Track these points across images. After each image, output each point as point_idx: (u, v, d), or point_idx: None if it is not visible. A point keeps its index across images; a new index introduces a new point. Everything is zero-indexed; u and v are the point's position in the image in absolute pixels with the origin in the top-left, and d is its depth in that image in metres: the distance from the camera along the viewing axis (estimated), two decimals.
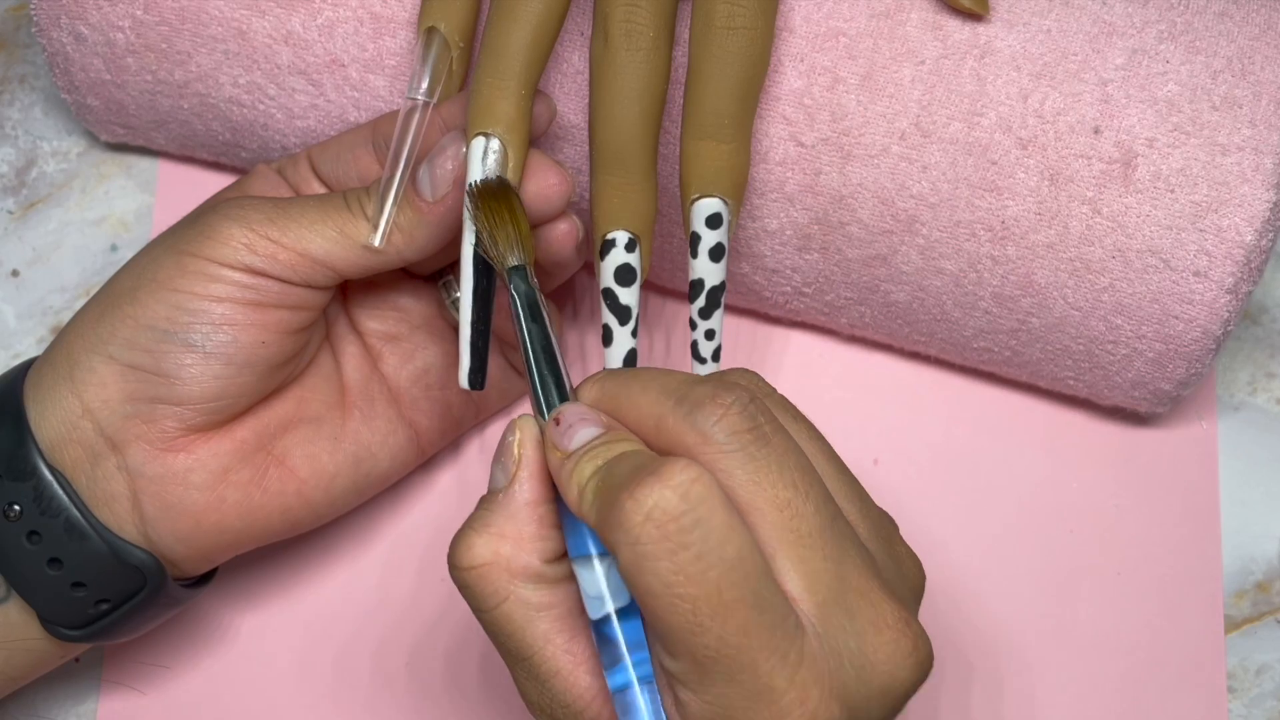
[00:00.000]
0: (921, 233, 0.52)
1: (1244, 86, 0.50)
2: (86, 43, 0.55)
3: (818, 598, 0.39)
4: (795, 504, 0.40)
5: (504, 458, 0.43)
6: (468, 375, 0.48)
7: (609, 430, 0.42)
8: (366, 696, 0.55)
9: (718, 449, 0.40)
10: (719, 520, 0.38)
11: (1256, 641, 0.56)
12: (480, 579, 0.42)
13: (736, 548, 0.38)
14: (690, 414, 0.40)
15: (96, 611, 0.48)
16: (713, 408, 0.40)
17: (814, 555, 0.39)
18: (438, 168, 0.47)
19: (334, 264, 0.48)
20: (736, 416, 0.40)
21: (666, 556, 0.38)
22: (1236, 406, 0.59)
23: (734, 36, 0.48)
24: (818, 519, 0.40)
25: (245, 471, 0.49)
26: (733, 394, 0.40)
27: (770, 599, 0.38)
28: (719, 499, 0.39)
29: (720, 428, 0.40)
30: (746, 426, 0.40)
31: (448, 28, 0.49)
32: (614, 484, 0.39)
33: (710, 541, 0.38)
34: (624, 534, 0.38)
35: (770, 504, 0.39)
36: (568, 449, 0.42)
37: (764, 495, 0.39)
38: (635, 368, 0.44)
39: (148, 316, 0.47)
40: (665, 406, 0.41)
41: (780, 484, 0.40)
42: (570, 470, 0.41)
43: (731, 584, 0.38)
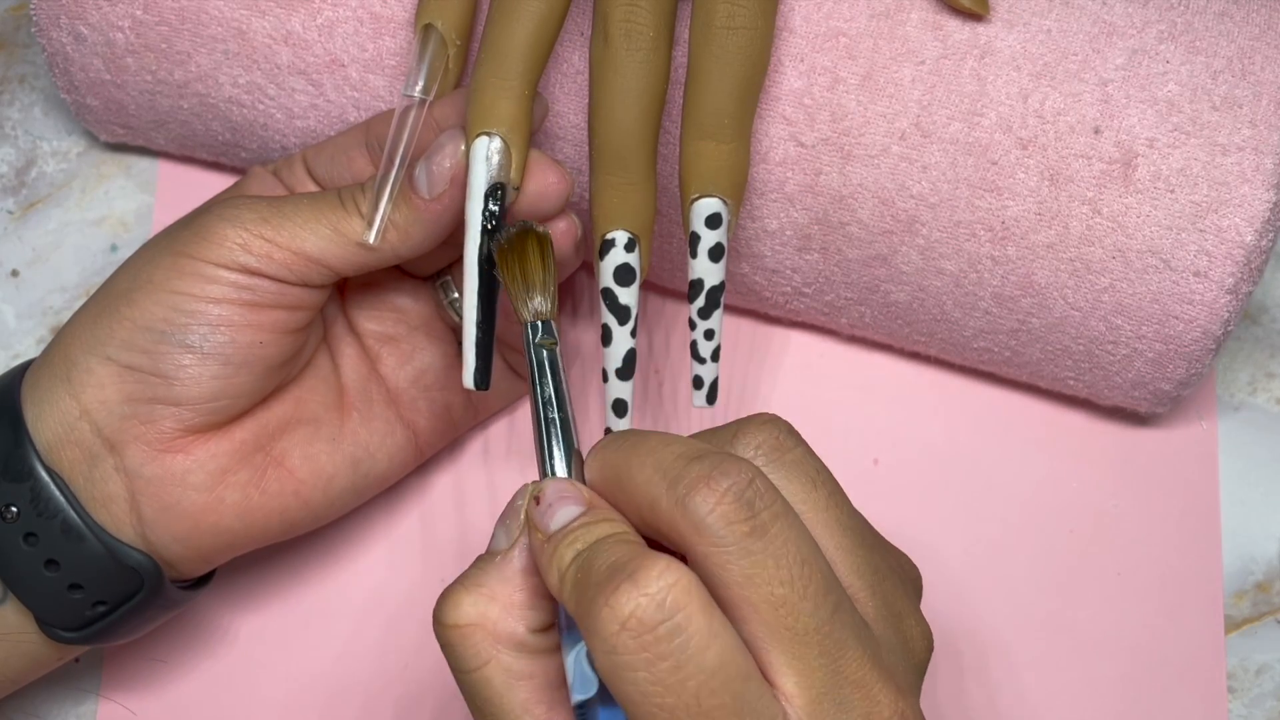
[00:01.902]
0: (921, 233, 0.52)
1: (1244, 86, 0.50)
2: (86, 43, 0.55)
3: (810, 694, 0.38)
4: (791, 601, 0.38)
5: (509, 520, 0.43)
6: (473, 375, 0.48)
7: (590, 510, 0.41)
8: (366, 698, 0.55)
9: (711, 541, 0.38)
10: (698, 627, 0.37)
11: (1256, 641, 0.56)
12: (463, 639, 0.41)
13: (717, 654, 0.37)
14: (683, 500, 0.38)
15: (94, 613, 0.48)
16: (706, 494, 0.38)
17: (809, 652, 0.38)
18: (435, 165, 0.47)
19: (329, 262, 0.48)
20: (731, 505, 0.38)
21: (644, 667, 0.37)
22: (1236, 406, 0.58)
23: (734, 36, 0.48)
24: (815, 616, 0.38)
25: (243, 472, 0.49)
26: (730, 477, 0.38)
27: (755, 702, 0.37)
28: (699, 604, 0.37)
29: (714, 518, 0.38)
30: (742, 516, 0.38)
31: (445, 25, 0.49)
32: (592, 580, 0.38)
33: (689, 650, 0.37)
34: (600, 641, 0.37)
35: (765, 601, 0.38)
36: (547, 530, 0.40)
37: (758, 592, 0.38)
38: (640, 433, 0.42)
39: (145, 318, 0.47)
40: (659, 489, 0.39)
41: (775, 580, 0.38)
42: (550, 554, 0.40)
43: (711, 692, 0.37)
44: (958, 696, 0.55)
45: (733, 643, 0.38)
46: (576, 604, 0.38)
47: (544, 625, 0.42)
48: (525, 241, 0.46)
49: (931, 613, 0.55)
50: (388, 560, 0.56)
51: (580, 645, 0.40)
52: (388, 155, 0.48)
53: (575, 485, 0.42)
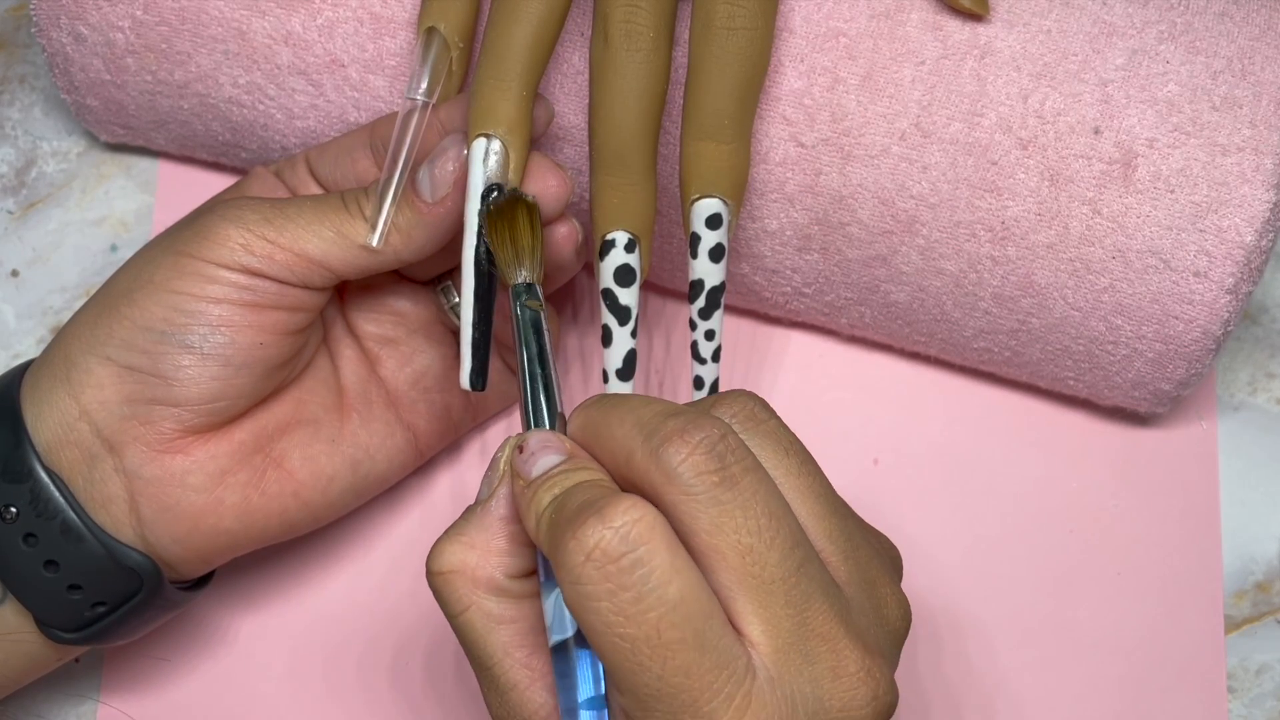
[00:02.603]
0: (921, 233, 0.52)
1: (1244, 87, 0.50)
2: (86, 43, 0.55)
3: (776, 643, 0.39)
4: (758, 550, 0.39)
5: (490, 472, 0.44)
6: (469, 376, 0.48)
7: (570, 459, 0.42)
8: (365, 698, 0.55)
9: (681, 490, 0.39)
10: (660, 561, 0.38)
11: (1256, 641, 0.56)
12: (445, 584, 0.43)
13: (679, 589, 0.38)
14: (657, 451, 0.40)
15: (93, 614, 0.48)
16: (679, 445, 0.39)
17: (775, 601, 0.39)
18: (438, 169, 0.47)
19: (331, 264, 0.48)
20: (703, 456, 0.39)
21: (606, 597, 0.38)
22: (1236, 406, 0.58)
23: (734, 37, 0.48)
24: (782, 565, 0.39)
25: (243, 473, 0.49)
26: (703, 430, 0.40)
27: (716, 641, 0.38)
28: (662, 540, 0.38)
29: (686, 467, 0.39)
30: (712, 468, 0.39)
31: (447, 28, 0.49)
32: (562, 519, 0.39)
33: (650, 583, 0.38)
34: (566, 572, 0.38)
35: (732, 549, 0.39)
36: (529, 477, 0.42)
37: (726, 540, 0.39)
38: (622, 395, 0.43)
39: (145, 318, 0.47)
40: (635, 441, 0.40)
41: (743, 529, 0.39)
42: (529, 499, 0.41)
43: (671, 625, 0.38)
44: (958, 696, 0.55)
45: (695, 581, 0.38)
46: (549, 542, 0.40)
47: (524, 571, 0.43)
48: (513, 208, 0.46)
49: (931, 611, 0.55)
50: (387, 561, 0.56)
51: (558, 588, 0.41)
52: (390, 158, 0.48)
53: (558, 436, 0.43)
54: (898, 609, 0.43)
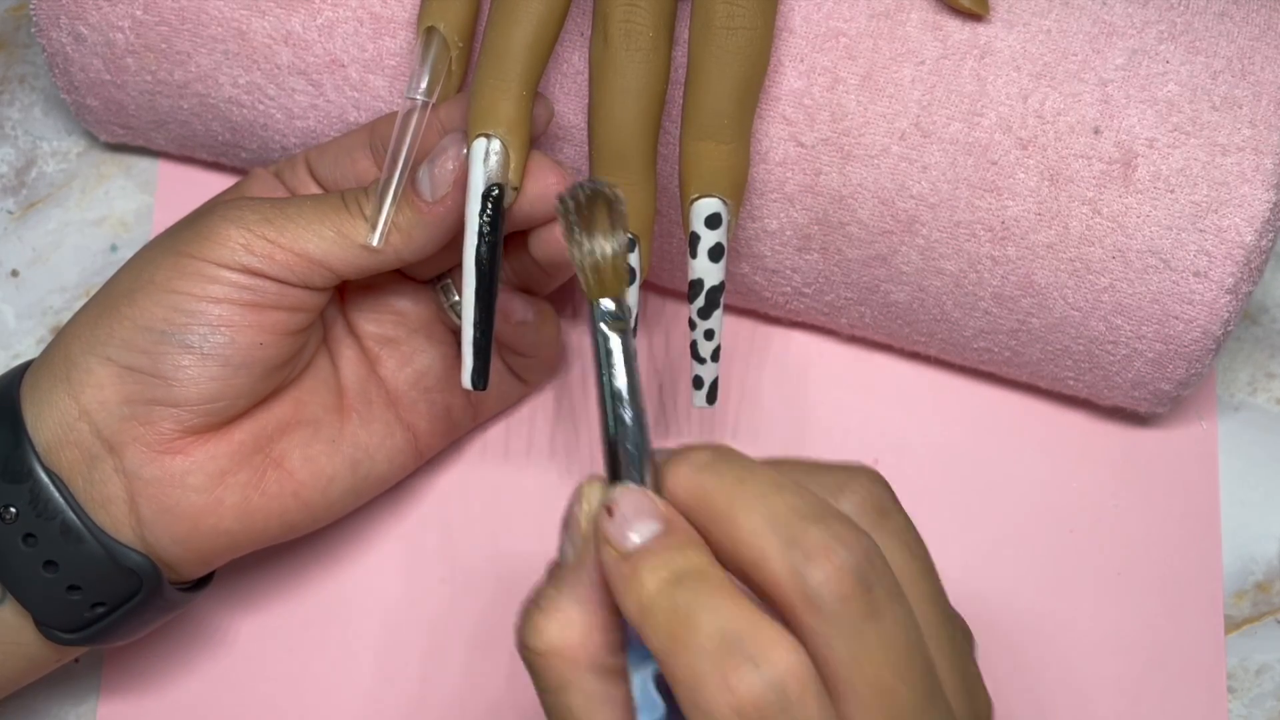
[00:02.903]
0: (921, 233, 0.52)
1: (1244, 87, 0.50)
2: (86, 43, 0.55)
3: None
4: (895, 688, 0.36)
5: (572, 530, 0.40)
6: (470, 376, 0.48)
7: (670, 532, 0.38)
8: (365, 699, 0.55)
9: (822, 615, 0.36)
10: (810, 715, 0.36)
11: (1257, 642, 0.56)
12: (546, 665, 0.39)
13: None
14: (799, 566, 0.36)
15: (92, 615, 0.48)
16: (823, 564, 0.36)
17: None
18: (438, 168, 0.47)
19: (331, 264, 0.48)
20: (850, 581, 0.36)
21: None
22: (1236, 406, 0.58)
23: (733, 36, 0.48)
24: (913, 701, 0.37)
25: (243, 474, 0.49)
26: (849, 551, 0.36)
27: None
28: (815, 693, 0.36)
29: (829, 591, 0.36)
30: (858, 595, 0.36)
31: (447, 27, 0.49)
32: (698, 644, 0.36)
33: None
34: (707, 716, 0.35)
35: (869, 686, 0.36)
36: (622, 548, 0.38)
37: (863, 676, 0.36)
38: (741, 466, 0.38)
39: (145, 318, 0.47)
40: (772, 545, 0.36)
41: (883, 665, 0.36)
42: (628, 578, 0.37)
43: None
44: None
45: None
46: (673, 659, 0.36)
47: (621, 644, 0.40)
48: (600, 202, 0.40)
49: None
50: (388, 561, 0.56)
51: (647, 669, 0.38)
52: (390, 158, 0.48)
53: (650, 499, 0.38)
54: (987, 707, 0.41)
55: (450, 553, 0.56)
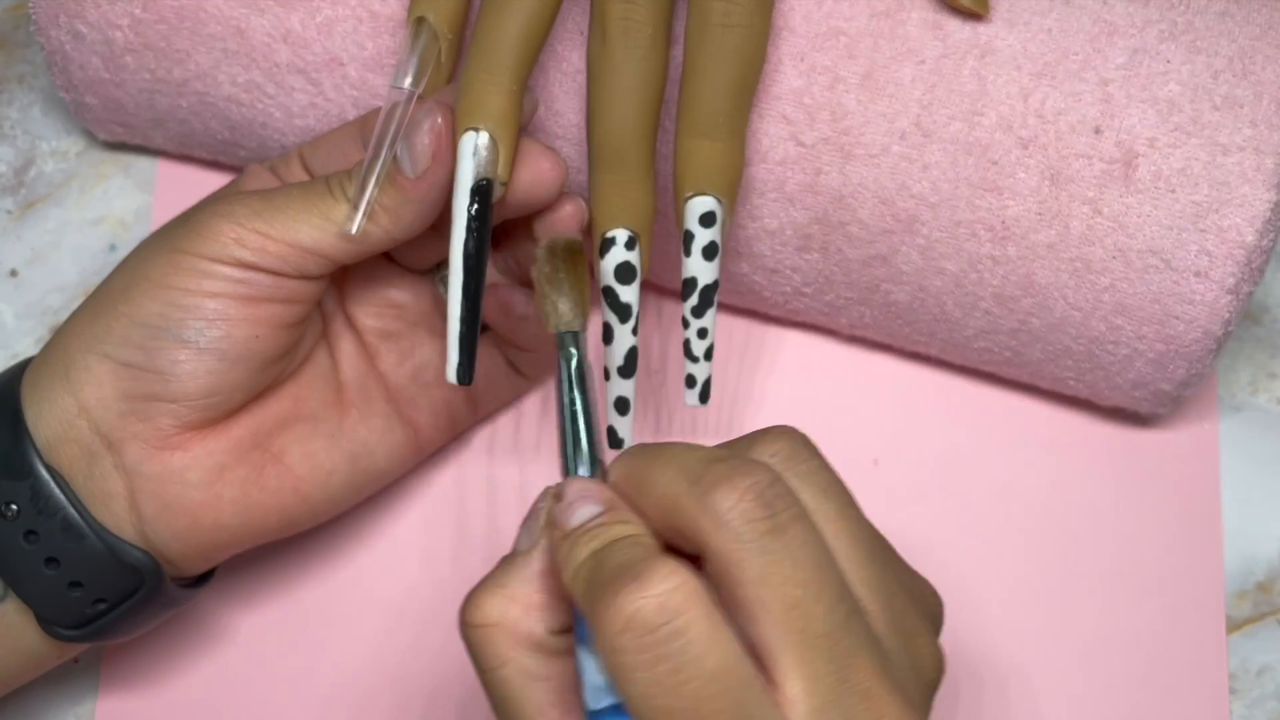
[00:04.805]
0: (922, 233, 0.52)
1: (1245, 86, 0.50)
2: (85, 41, 0.55)
3: (815, 701, 0.38)
4: (805, 604, 0.38)
5: (530, 521, 0.43)
6: (455, 370, 0.48)
7: (609, 510, 0.41)
8: (365, 697, 0.55)
9: (729, 537, 0.38)
10: (699, 632, 0.37)
11: (1258, 642, 0.56)
12: (484, 639, 0.41)
13: (718, 660, 0.37)
14: (704, 497, 0.38)
15: (94, 611, 0.48)
16: (727, 491, 0.38)
17: (817, 657, 0.38)
18: (416, 142, 0.47)
19: (324, 251, 0.48)
20: (752, 503, 0.38)
21: (644, 668, 0.37)
22: (1237, 407, 0.58)
23: (729, 34, 0.48)
24: (827, 620, 0.38)
25: (242, 469, 0.48)
26: (751, 476, 0.39)
27: (754, 708, 0.37)
28: (701, 609, 0.37)
29: (734, 514, 0.38)
30: (762, 515, 0.38)
31: (437, 18, 0.49)
32: (600, 580, 0.38)
33: (688, 654, 0.37)
34: (604, 641, 0.38)
35: (778, 602, 0.38)
36: (566, 527, 0.41)
37: (772, 592, 0.38)
38: (664, 443, 0.42)
39: (141, 314, 0.47)
40: (680, 487, 0.39)
41: (791, 581, 0.38)
42: (566, 551, 0.40)
43: (710, 696, 0.37)
44: (957, 696, 0.55)
45: (734, 649, 0.37)
46: (586, 603, 0.39)
47: (564, 627, 0.42)
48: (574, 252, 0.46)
49: None
50: (388, 558, 0.56)
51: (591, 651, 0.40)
52: (374, 145, 0.47)
53: (597, 485, 0.42)
54: (932, 660, 0.42)
55: (451, 548, 0.56)
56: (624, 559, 0.38)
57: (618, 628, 0.37)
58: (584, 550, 0.40)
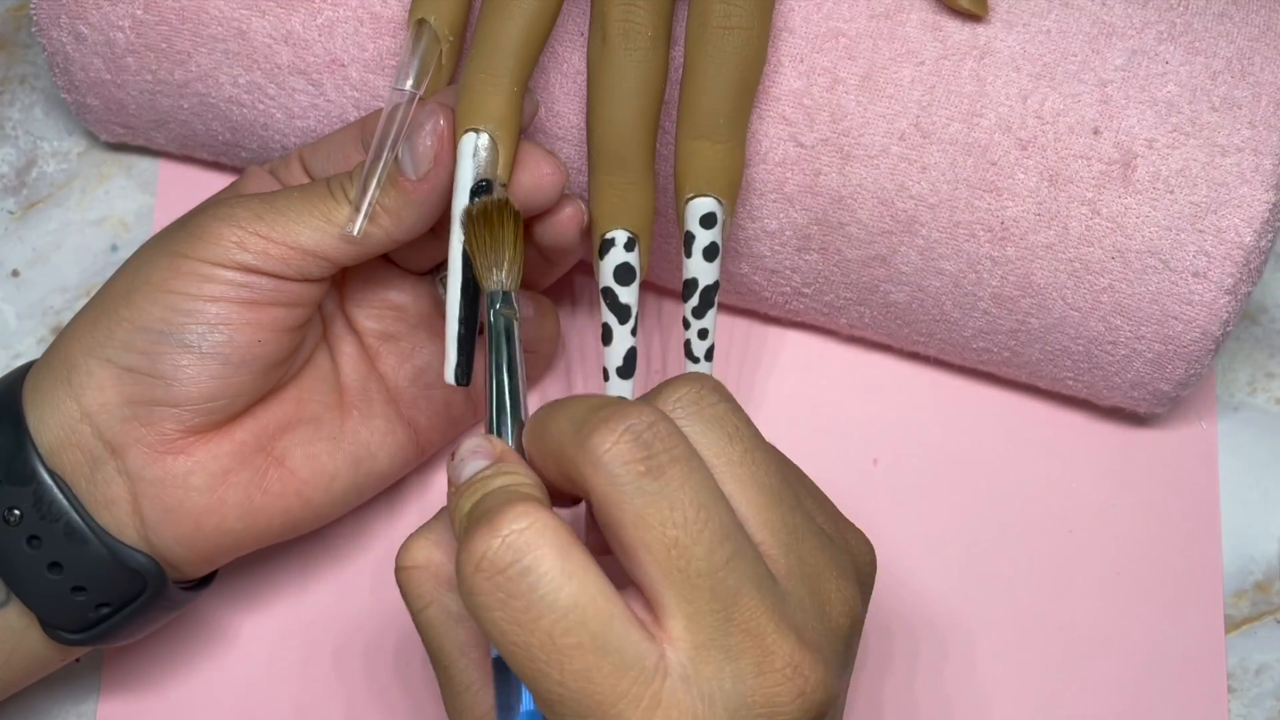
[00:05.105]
0: (921, 233, 0.52)
1: (1243, 87, 0.50)
2: (86, 42, 0.55)
3: (696, 639, 0.38)
4: (683, 543, 0.38)
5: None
6: (453, 371, 0.48)
7: (496, 464, 0.42)
8: (365, 698, 0.55)
9: (606, 479, 0.39)
10: (548, 568, 0.38)
11: (1256, 641, 0.56)
12: (410, 579, 0.43)
13: (571, 594, 0.38)
14: (584, 442, 0.39)
15: (97, 615, 0.48)
16: (604, 434, 0.39)
17: (699, 596, 0.38)
18: (418, 144, 0.47)
19: (325, 253, 0.48)
20: (628, 445, 0.39)
21: (498, 607, 0.38)
22: (1236, 406, 0.58)
23: (730, 36, 0.48)
24: (708, 559, 0.38)
25: (245, 473, 0.49)
26: (630, 419, 0.39)
27: (619, 643, 0.38)
28: (551, 546, 0.38)
29: (610, 456, 0.39)
30: (639, 456, 0.38)
31: (438, 20, 0.49)
32: (465, 527, 0.39)
33: (539, 590, 0.38)
34: (461, 583, 0.38)
35: (657, 542, 0.38)
36: (457, 483, 0.42)
37: (651, 533, 0.38)
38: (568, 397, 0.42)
39: (143, 318, 0.47)
40: (566, 434, 0.40)
41: (669, 522, 0.38)
42: (454, 504, 0.41)
43: (565, 630, 0.37)
44: (958, 695, 0.55)
45: (593, 584, 0.38)
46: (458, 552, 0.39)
47: None
48: (498, 213, 0.46)
49: (931, 613, 0.55)
50: (389, 559, 0.56)
51: None
52: (374, 147, 0.47)
53: (489, 440, 0.43)
54: (842, 605, 0.42)
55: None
56: (488, 505, 0.39)
57: (470, 569, 0.38)
58: (466, 503, 0.41)
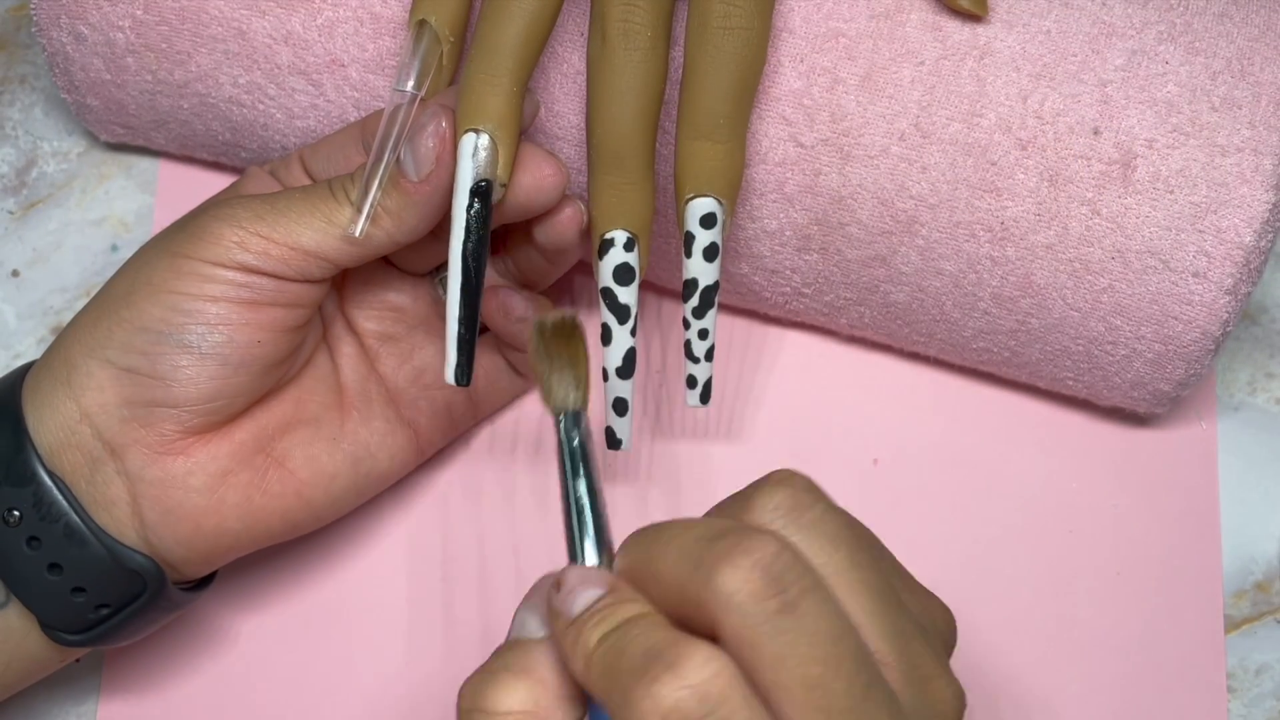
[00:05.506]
0: (921, 233, 0.52)
1: (1243, 87, 0.50)
2: (86, 42, 0.55)
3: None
4: (825, 682, 0.36)
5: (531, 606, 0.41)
6: (454, 371, 0.48)
7: (613, 593, 0.39)
8: (366, 698, 0.55)
9: (741, 621, 0.36)
10: (741, 718, 0.36)
11: (1256, 641, 0.56)
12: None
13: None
14: (710, 580, 0.36)
15: (97, 616, 0.48)
16: (731, 571, 0.36)
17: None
18: (420, 146, 0.47)
19: (326, 254, 0.48)
20: (760, 582, 0.36)
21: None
22: (1236, 406, 0.59)
23: (730, 37, 0.48)
24: (848, 695, 0.36)
25: (245, 474, 0.49)
26: (755, 551, 0.36)
27: None
28: (740, 696, 0.36)
29: (743, 596, 0.36)
30: (771, 593, 0.36)
31: (438, 21, 0.49)
32: (625, 667, 0.36)
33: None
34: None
35: (798, 684, 0.36)
36: (569, 615, 0.38)
37: (790, 674, 0.36)
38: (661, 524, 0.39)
39: (143, 319, 0.47)
40: (684, 571, 0.37)
41: (809, 660, 0.36)
42: (574, 639, 0.38)
43: None
44: None
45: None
46: (608, 690, 0.37)
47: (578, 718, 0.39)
48: (573, 332, 0.44)
49: None
50: (389, 559, 0.56)
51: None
52: (376, 148, 0.48)
53: (597, 570, 0.40)
54: (953, 701, 0.40)
55: (451, 550, 0.56)
56: (648, 644, 0.37)
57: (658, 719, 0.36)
58: (594, 635, 0.38)
